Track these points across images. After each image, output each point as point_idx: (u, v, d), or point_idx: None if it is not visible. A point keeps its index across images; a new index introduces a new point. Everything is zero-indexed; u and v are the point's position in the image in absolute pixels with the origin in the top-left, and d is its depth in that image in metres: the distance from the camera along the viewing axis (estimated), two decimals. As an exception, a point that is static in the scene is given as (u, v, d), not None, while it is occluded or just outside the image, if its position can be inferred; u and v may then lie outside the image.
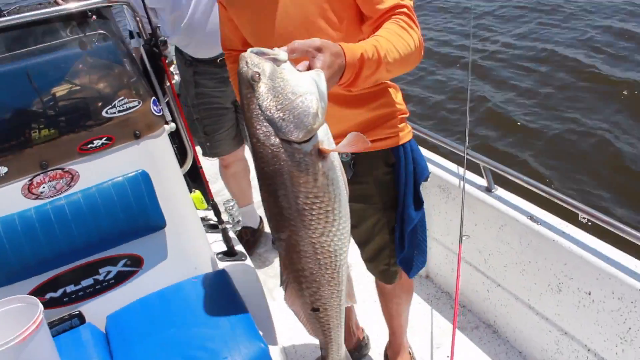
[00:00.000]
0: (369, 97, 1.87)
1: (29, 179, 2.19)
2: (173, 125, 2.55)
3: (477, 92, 6.94)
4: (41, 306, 1.96)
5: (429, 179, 2.83)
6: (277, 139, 1.24)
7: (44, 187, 2.22)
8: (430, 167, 2.85)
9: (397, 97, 1.96)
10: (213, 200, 2.69)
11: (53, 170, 2.22)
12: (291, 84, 1.22)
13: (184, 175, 2.70)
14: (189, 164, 2.71)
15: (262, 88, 1.22)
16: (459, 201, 2.54)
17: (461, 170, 2.63)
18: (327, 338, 1.64)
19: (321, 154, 1.27)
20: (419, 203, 2.04)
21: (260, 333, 2.15)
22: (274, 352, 2.18)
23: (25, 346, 1.87)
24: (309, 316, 1.55)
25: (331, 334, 1.63)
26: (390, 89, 1.93)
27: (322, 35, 1.38)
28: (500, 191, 2.57)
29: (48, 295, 2.28)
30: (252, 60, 1.23)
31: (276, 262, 3.55)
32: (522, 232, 2.40)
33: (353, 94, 1.83)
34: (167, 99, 2.57)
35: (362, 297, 2.91)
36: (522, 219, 2.39)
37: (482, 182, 2.63)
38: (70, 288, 2.31)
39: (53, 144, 2.22)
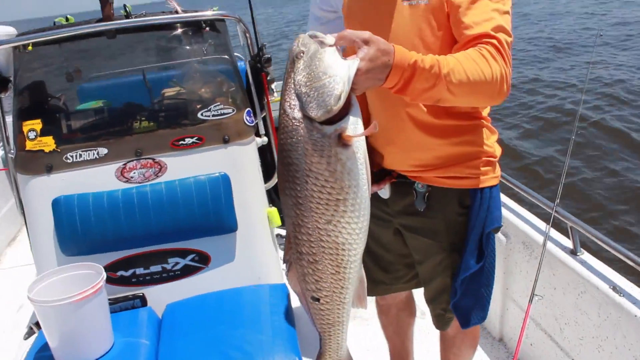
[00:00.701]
0: (454, 131, 1.77)
1: (124, 163, 2.40)
2: (265, 139, 2.66)
3: (580, 154, 6.57)
4: (104, 275, 2.11)
5: (511, 236, 2.69)
6: (300, 114, 1.29)
7: (134, 173, 2.41)
8: (516, 221, 2.69)
9: (489, 138, 1.84)
10: None
11: (145, 159, 2.41)
12: (325, 65, 1.27)
13: (270, 190, 2.78)
14: (274, 181, 2.79)
15: (301, 64, 1.29)
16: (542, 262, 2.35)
17: (548, 228, 2.44)
18: (325, 333, 1.60)
19: (342, 141, 1.28)
20: (480, 254, 1.89)
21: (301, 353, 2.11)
22: None
23: (80, 306, 2.01)
24: (310, 306, 1.52)
25: (330, 330, 1.58)
26: (483, 129, 1.81)
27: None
28: (586, 255, 2.35)
29: (119, 273, 2.44)
30: (303, 40, 1.31)
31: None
32: (602, 301, 2.16)
33: (438, 123, 1.75)
34: (264, 115, 2.70)
35: (425, 347, 2.77)
36: (603, 287, 2.16)
37: (568, 243, 2.42)
38: (139, 270, 2.45)
39: (150, 135, 2.42)
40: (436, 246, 1.92)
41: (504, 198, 2.80)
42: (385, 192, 1.92)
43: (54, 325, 2.05)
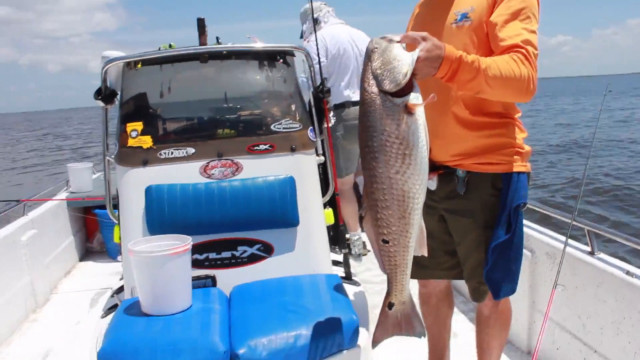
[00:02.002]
0: (488, 125, 2.26)
1: (207, 162, 2.91)
2: (322, 158, 3.17)
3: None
4: (190, 240, 2.54)
5: (536, 250, 3.10)
6: (377, 89, 1.81)
7: (215, 170, 2.92)
8: (539, 236, 3.11)
9: (519, 135, 2.32)
10: (343, 224, 3.17)
11: (225, 159, 2.92)
12: (394, 54, 1.80)
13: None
14: (329, 195, 3.28)
15: (376, 55, 1.83)
16: (564, 267, 2.73)
17: (569, 240, 2.85)
18: (392, 274, 1.99)
19: (407, 109, 1.80)
20: (509, 227, 2.30)
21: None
22: (363, 333, 2.47)
23: (170, 260, 2.45)
24: (380, 248, 1.94)
25: (396, 270, 1.98)
26: (513, 126, 2.30)
27: None
28: (602, 255, 2.75)
29: (194, 256, 2.86)
30: (376, 40, 1.87)
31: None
32: (617, 287, 2.53)
33: (475, 119, 2.24)
34: (323, 138, 3.23)
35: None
36: (618, 274, 2.55)
37: (586, 248, 2.82)
38: (212, 255, 2.88)
39: (230, 141, 2.95)
40: (473, 224, 2.35)
41: (527, 220, 3.24)
42: (432, 183, 2.38)
43: (146, 275, 2.46)
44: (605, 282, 2.62)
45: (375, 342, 2.15)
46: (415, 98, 1.80)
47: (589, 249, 2.81)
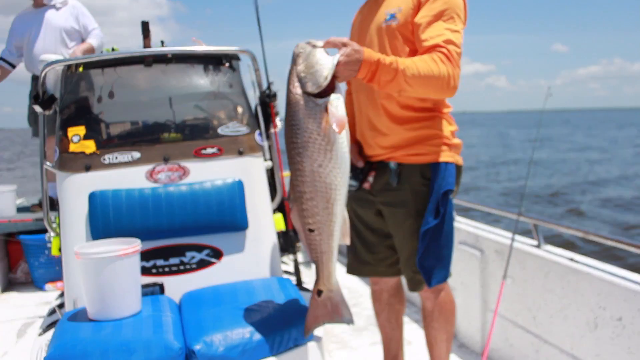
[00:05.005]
0: (416, 119, 2.55)
1: (153, 166, 3.07)
2: (270, 163, 3.39)
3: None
4: (139, 242, 2.69)
5: (485, 249, 3.40)
6: (301, 91, 2.09)
7: (161, 175, 3.08)
8: (487, 235, 3.41)
9: (447, 127, 2.60)
10: (292, 229, 3.37)
11: (172, 163, 3.09)
12: (317, 58, 2.09)
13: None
14: (277, 201, 3.48)
15: (300, 59, 2.12)
16: (512, 262, 3.03)
17: (515, 236, 3.16)
18: (318, 261, 2.24)
19: (327, 109, 2.08)
20: (438, 212, 2.55)
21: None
22: (318, 330, 2.67)
23: (120, 260, 2.58)
24: (307, 237, 2.19)
25: (322, 257, 2.23)
26: (440, 119, 2.59)
27: None
28: (548, 247, 3.06)
29: (141, 263, 2.99)
30: (301, 45, 2.15)
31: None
32: (563, 273, 2.84)
33: (404, 114, 2.53)
34: (270, 145, 3.46)
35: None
36: (564, 262, 2.85)
37: (533, 242, 3.13)
38: (159, 262, 3.02)
39: (176, 145, 3.12)
40: (406, 213, 2.60)
41: (476, 219, 3.55)
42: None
43: (94, 278, 2.57)
44: (551, 272, 2.92)
45: (307, 330, 2.41)
46: (336, 99, 2.09)
47: (535, 242, 3.12)
